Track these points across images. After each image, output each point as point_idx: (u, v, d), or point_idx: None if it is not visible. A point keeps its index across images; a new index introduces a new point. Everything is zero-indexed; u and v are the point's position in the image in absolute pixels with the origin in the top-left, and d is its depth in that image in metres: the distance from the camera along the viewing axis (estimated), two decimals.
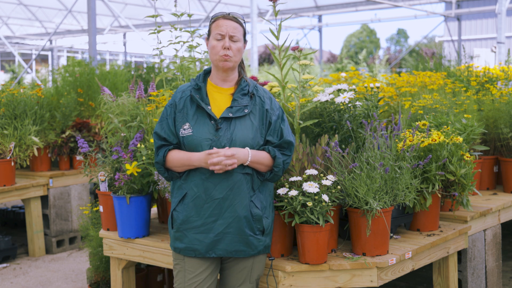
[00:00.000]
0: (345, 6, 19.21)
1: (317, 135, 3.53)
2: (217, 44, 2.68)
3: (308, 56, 3.80)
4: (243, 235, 2.68)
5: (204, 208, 2.66)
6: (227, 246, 2.68)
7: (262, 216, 2.72)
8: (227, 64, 2.68)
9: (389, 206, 3.04)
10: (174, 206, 2.75)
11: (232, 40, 2.68)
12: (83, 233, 4.35)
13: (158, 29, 3.82)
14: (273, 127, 2.74)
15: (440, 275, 3.62)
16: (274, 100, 2.82)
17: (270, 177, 2.74)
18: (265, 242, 2.76)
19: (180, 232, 2.72)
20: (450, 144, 3.43)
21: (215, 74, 2.77)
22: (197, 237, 2.69)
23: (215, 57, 2.69)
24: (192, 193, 2.68)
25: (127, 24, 12.53)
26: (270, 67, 17.66)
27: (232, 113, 2.68)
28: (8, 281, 4.96)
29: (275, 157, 2.71)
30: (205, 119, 2.68)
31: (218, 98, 2.74)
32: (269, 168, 2.73)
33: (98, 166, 3.65)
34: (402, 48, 43.90)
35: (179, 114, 2.72)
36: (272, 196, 2.84)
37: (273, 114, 2.76)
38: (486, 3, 19.75)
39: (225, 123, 2.67)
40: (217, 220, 2.66)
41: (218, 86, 2.76)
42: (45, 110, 5.64)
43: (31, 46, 27.08)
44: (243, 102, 2.71)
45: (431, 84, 4.73)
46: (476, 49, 11.01)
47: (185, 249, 2.72)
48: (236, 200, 2.65)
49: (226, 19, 2.70)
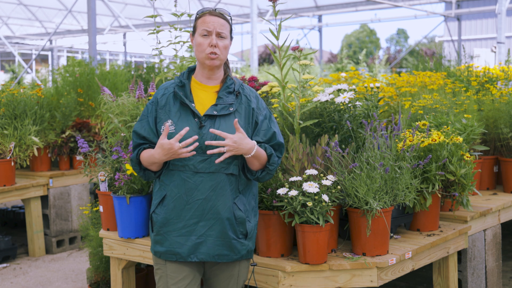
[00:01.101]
0: (345, 6, 19.22)
1: (317, 135, 3.53)
2: (203, 41, 2.59)
3: (308, 56, 3.80)
4: (226, 238, 2.58)
5: (185, 210, 2.57)
6: (210, 250, 2.58)
7: (245, 219, 2.62)
8: (214, 62, 2.59)
9: (389, 206, 3.05)
10: (154, 208, 2.64)
11: (219, 37, 2.60)
12: (83, 233, 4.35)
13: (157, 29, 3.82)
14: (259, 127, 2.66)
15: (440, 275, 3.62)
16: (260, 99, 2.74)
17: (261, 175, 2.64)
18: (248, 247, 2.66)
19: (160, 235, 2.62)
20: (450, 144, 3.43)
21: (200, 72, 2.68)
22: (178, 240, 2.58)
23: (201, 55, 2.60)
24: (173, 194, 2.58)
25: (127, 24, 12.54)
26: (270, 67, 17.66)
27: (217, 111, 2.58)
28: (8, 281, 4.96)
29: (271, 155, 2.63)
30: (189, 116, 2.59)
31: (202, 96, 2.65)
32: (262, 166, 2.64)
33: (98, 166, 3.65)
34: (402, 48, 43.90)
35: (161, 111, 2.63)
36: (256, 200, 2.74)
37: (259, 113, 2.67)
38: (486, 3, 19.75)
39: (209, 121, 2.57)
40: (199, 222, 2.56)
41: (202, 84, 2.67)
42: (45, 110, 5.64)
43: (31, 46, 27.08)
44: (228, 100, 2.62)
45: (431, 84, 4.73)
46: (476, 49, 11.01)
47: (166, 253, 2.61)
48: (219, 201, 2.56)
49: (212, 15, 2.61)
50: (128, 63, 8.67)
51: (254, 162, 2.59)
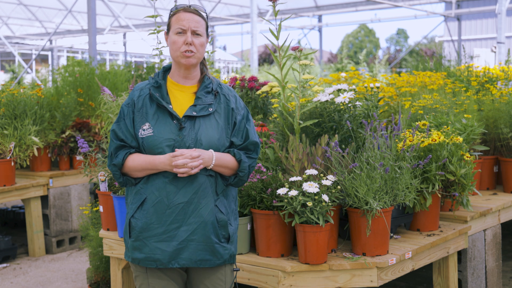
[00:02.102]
0: (345, 6, 19.21)
1: (317, 135, 3.53)
2: (178, 39, 2.48)
3: (308, 56, 3.79)
4: (208, 243, 2.48)
5: (166, 214, 2.45)
6: (191, 255, 2.47)
7: (227, 222, 2.52)
8: (190, 61, 2.49)
9: (389, 206, 3.05)
10: (132, 213, 2.51)
11: (195, 34, 2.49)
12: (83, 233, 4.35)
13: (158, 29, 3.82)
14: (237, 128, 2.56)
15: (440, 275, 3.62)
16: (239, 98, 2.64)
17: (234, 181, 2.55)
18: (230, 251, 2.56)
19: (140, 241, 2.48)
20: (450, 144, 3.43)
21: (176, 71, 2.57)
22: (159, 245, 2.46)
23: (176, 54, 2.50)
24: (153, 197, 2.46)
25: (127, 24, 12.54)
26: (270, 67, 17.66)
27: (196, 111, 2.49)
28: (8, 281, 4.96)
29: (240, 161, 2.53)
30: (167, 119, 2.48)
31: (179, 96, 2.55)
32: (234, 172, 2.54)
33: (98, 166, 3.66)
34: (402, 48, 43.90)
35: (138, 113, 2.51)
36: (236, 203, 2.65)
37: (238, 113, 2.58)
38: (486, 3, 19.75)
39: (189, 122, 2.48)
40: (181, 227, 2.45)
41: (179, 84, 2.57)
42: (45, 110, 5.64)
43: (31, 46, 27.09)
44: (207, 101, 2.52)
45: (431, 84, 4.73)
46: (476, 49, 11.02)
47: (145, 260, 2.48)
48: (202, 204, 2.46)
49: (187, 12, 2.50)
50: (128, 63, 8.67)
51: (221, 170, 2.51)
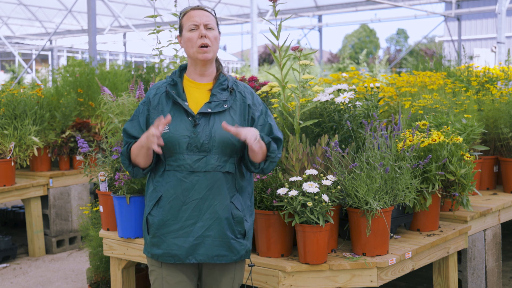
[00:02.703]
0: (345, 6, 19.21)
1: (317, 135, 3.53)
2: (192, 35, 2.55)
3: (308, 56, 3.79)
4: (224, 239, 2.53)
5: (182, 210, 2.51)
6: (208, 251, 2.52)
7: (243, 218, 2.57)
8: (206, 56, 2.55)
9: (389, 206, 3.05)
10: (149, 210, 2.58)
11: (207, 28, 2.56)
12: (83, 233, 4.35)
13: (157, 29, 3.83)
14: (256, 123, 2.61)
15: (440, 275, 3.62)
16: (256, 95, 2.69)
17: (265, 166, 2.58)
18: (246, 247, 2.61)
19: (157, 238, 2.55)
20: (450, 144, 3.43)
21: (192, 69, 2.63)
22: (176, 241, 2.52)
23: (192, 50, 2.56)
24: (169, 194, 2.53)
25: (127, 24, 12.54)
26: (270, 67, 17.66)
27: (211, 108, 2.53)
28: (8, 281, 4.97)
29: (269, 143, 2.56)
30: (182, 116, 2.54)
31: (195, 93, 2.60)
32: (264, 156, 2.57)
33: (98, 166, 3.65)
34: (402, 48, 43.90)
35: (154, 111, 2.58)
36: (252, 200, 2.69)
37: (256, 109, 2.63)
38: (486, 3, 19.75)
39: (204, 119, 2.53)
40: (197, 223, 2.51)
41: (195, 82, 2.62)
42: (45, 110, 5.64)
43: (31, 46, 27.08)
44: (222, 97, 2.57)
45: (431, 84, 4.73)
46: (476, 49, 11.01)
47: (163, 255, 2.55)
48: (216, 200, 2.51)
49: (196, 10, 2.59)
50: (128, 63, 8.67)
51: (258, 152, 2.52)
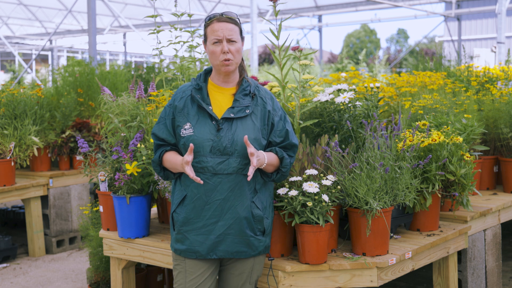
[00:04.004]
0: (345, 6, 19.20)
1: (317, 135, 3.53)
2: (215, 49, 2.66)
3: (308, 56, 3.80)
4: (244, 236, 2.68)
5: (205, 210, 2.66)
6: (228, 247, 2.68)
7: (263, 217, 2.72)
8: (229, 69, 2.67)
9: (389, 206, 3.04)
10: (174, 208, 2.74)
11: (230, 42, 2.66)
12: (83, 233, 4.35)
13: (158, 29, 3.82)
14: (276, 128, 2.74)
15: (440, 275, 3.62)
16: (275, 100, 2.81)
17: (277, 177, 2.74)
18: (265, 243, 2.76)
19: (181, 234, 2.71)
20: (450, 144, 3.43)
21: (216, 76, 2.75)
22: (198, 238, 2.68)
23: (215, 62, 2.68)
24: (192, 194, 2.67)
25: (127, 24, 12.53)
26: (270, 67, 17.66)
27: (234, 113, 2.66)
28: (8, 281, 4.97)
29: (282, 158, 2.72)
30: (206, 119, 2.67)
31: (219, 98, 2.73)
32: (276, 168, 2.73)
33: (98, 166, 3.65)
34: (402, 48, 43.89)
35: (180, 114, 2.71)
36: (272, 196, 2.84)
37: (275, 115, 2.75)
38: (486, 3, 19.74)
39: (226, 124, 2.66)
40: (218, 222, 2.66)
41: (219, 86, 2.75)
42: (45, 110, 5.64)
43: (31, 46, 27.07)
44: (244, 103, 2.69)
45: (431, 84, 4.73)
46: (476, 49, 11.00)
47: (186, 251, 2.71)
48: (237, 201, 2.65)
49: (220, 22, 2.67)
50: (128, 63, 8.68)
51: (268, 168, 2.69)
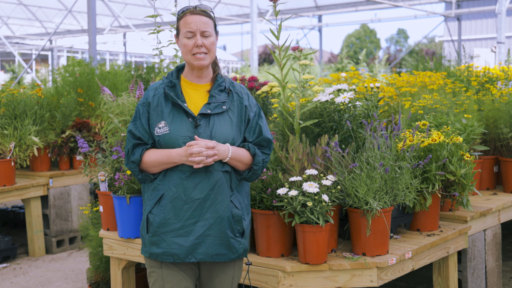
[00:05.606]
0: (345, 6, 19.21)
1: (317, 135, 3.53)
2: (188, 43, 2.56)
3: (308, 56, 3.80)
4: (224, 238, 2.56)
5: (184, 210, 2.53)
6: (208, 250, 2.55)
7: (242, 217, 2.61)
8: (203, 63, 2.58)
9: (389, 206, 3.05)
10: (150, 209, 2.58)
11: (204, 35, 2.57)
12: (83, 233, 4.35)
13: (158, 29, 3.82)
14: (250, 124, 2.65)
15: (440, 275, 3.62)
16: (251, 96, 2.73)
17: (248, 175, 2.64)
18: (244, 245, 2.65)
19: (157, 236, 2.56)
20: (450, 144, 3.43)
21: (189, 72, 2.66)
22: (176, 240, 2.54)
23: (187, 56, 2.58)
24: (171, 193, 2.54)
25: (127, 24, 12.53)
26: (270, 67, 17.66)
27: (210, 109, 2.57)
28: (8, 281, 4.97)
29: (254, 155, 2.62)
30: (182, 117, 2.57)
31: (193, 95, 2.64)
32: (248, 166, 2.63)
33: (98, 166, 3.65)
34: (402, 48, 43.89)
35: (154, 112, 2.59)
36: (249, 199, 2.74)
37: (251, 110, 2.67)
38: (486, 3, 19.74)
39: (204, 120, 2.56)
40: (197, 222, 2.53)
41: (193, 83, 2.65)
42: (45, 110, 5.64)
43: (31, 46, 27.07)
44: (220, 99, 2.61)
45: (431, 84, 4.73)
46: (476, 49, 11.00)
47: (163, 254, 2.56)
48: (218, 200, 2.54)
49: (193, 14, 2.57)
50: (128, 63, 8.67)
51: (236, 164, 2.59)
